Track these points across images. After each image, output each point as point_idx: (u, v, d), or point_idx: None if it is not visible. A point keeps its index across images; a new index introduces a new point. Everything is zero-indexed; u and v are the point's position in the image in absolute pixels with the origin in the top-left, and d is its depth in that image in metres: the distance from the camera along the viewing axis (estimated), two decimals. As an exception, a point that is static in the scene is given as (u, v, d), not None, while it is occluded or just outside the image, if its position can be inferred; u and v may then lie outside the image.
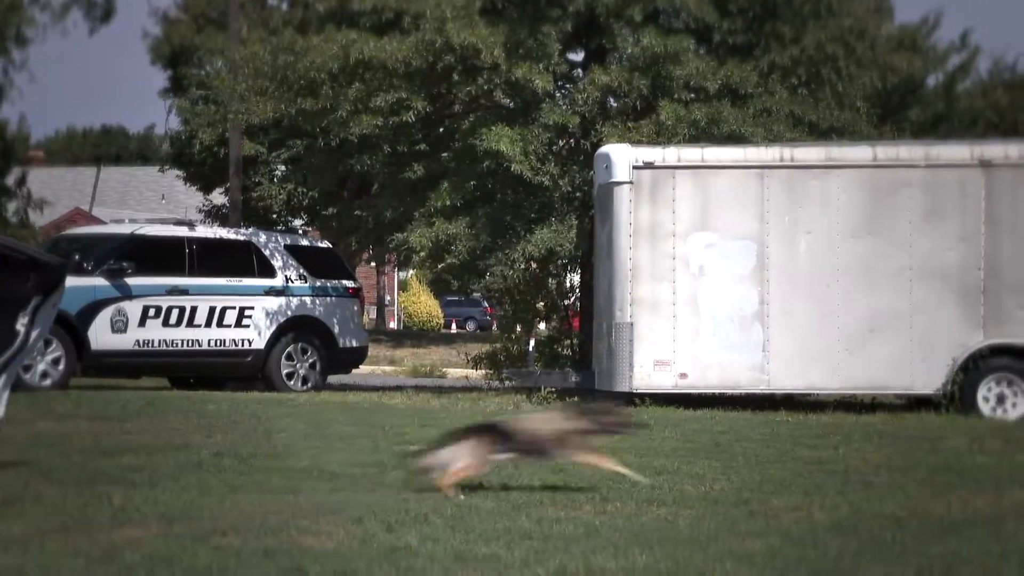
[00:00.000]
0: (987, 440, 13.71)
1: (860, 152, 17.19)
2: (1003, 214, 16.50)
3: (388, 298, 58.06)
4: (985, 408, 16.36)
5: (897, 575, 7.11)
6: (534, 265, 20.54)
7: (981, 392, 16.41)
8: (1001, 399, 16.41)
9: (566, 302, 21.34)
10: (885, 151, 17.15)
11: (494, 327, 38.97)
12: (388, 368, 31.96)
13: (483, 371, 22.40)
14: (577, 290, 21.12)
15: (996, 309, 16.44)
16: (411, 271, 55.52)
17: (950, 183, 16.66)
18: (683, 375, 16.77)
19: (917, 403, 17.00)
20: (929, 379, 16.55)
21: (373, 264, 46.62)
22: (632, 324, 16.80)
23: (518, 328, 22.14)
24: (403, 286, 61.73)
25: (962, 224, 16.58)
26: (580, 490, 9.64)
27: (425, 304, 58.66)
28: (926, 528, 8.54)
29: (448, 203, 19.49)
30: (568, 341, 21.19)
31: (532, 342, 22.23)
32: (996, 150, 16.91)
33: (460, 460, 9.29)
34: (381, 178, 22.68)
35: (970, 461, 12.01)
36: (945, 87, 26.47)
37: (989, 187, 16.55)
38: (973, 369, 16.41)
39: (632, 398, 16.51)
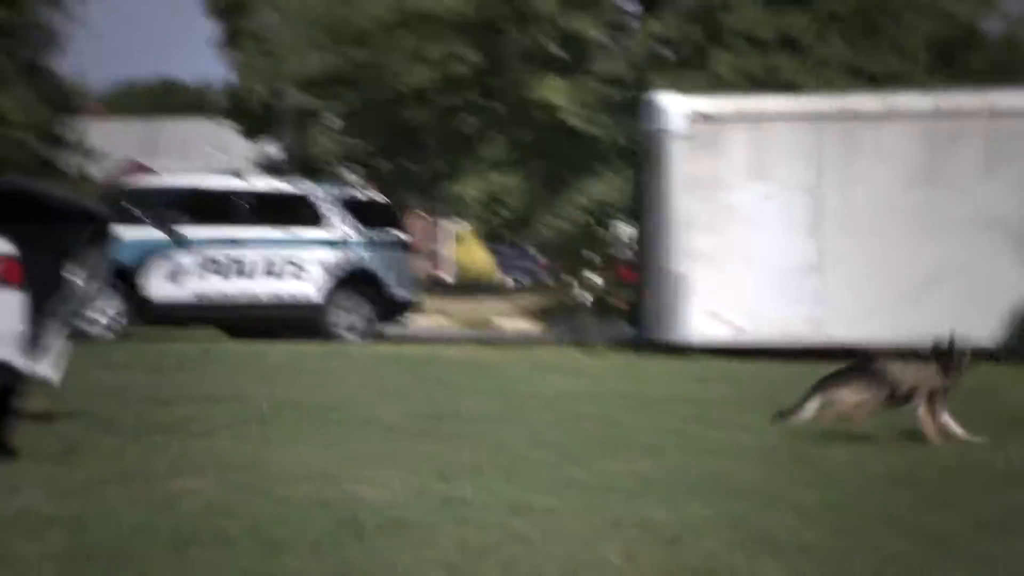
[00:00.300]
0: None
1: (919, 102, 16.98)
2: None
3: (441, 250, 58.14)
4: (1045, 361, 16.20)
5: (954, 526, 7.06)
6: (587, 217, 20.50)
7: (1041, 346, 16.25)
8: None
9: (620, 254, 21.27)
10: (945, 100, 16.92)
11: (548, 280, 38.91)
12: (442, 320, 32.02)
13: (536, 323, 22.40)
14: (631, 242, 21.04)
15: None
16: (464, 223, 55.50)
17: (1011, 133, 16.42)
18: (737, 327, 16.70)
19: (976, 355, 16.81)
20: (988, 330, 16.37)
21: (428, 216, 46.63)
22: (685, 275, 16.72)
23: (571, 280, 22.12)
24: (457, 238, 61.77)
25: (1022, 174, 16.36)
26: (636, 443, 9.63)
27: (479, 256, 58.64)
28: (984, 479, 8.48)
29: (500, 156, 19.47)
30: (623, 293, 21.13)
31: (586, 295, 22.21)
32: (1058, 98, 16.69)
33: (856, 395, 9.69)
34: (433, 131, 22.66)
35: (1031, 412, 11.90)
36: (1007, 36, 26.04)
37: (1048, 135, 16.35)
38: (1031, 320, 16.27)
39: (684, 350, 16.46)
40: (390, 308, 20.21)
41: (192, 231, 18.73)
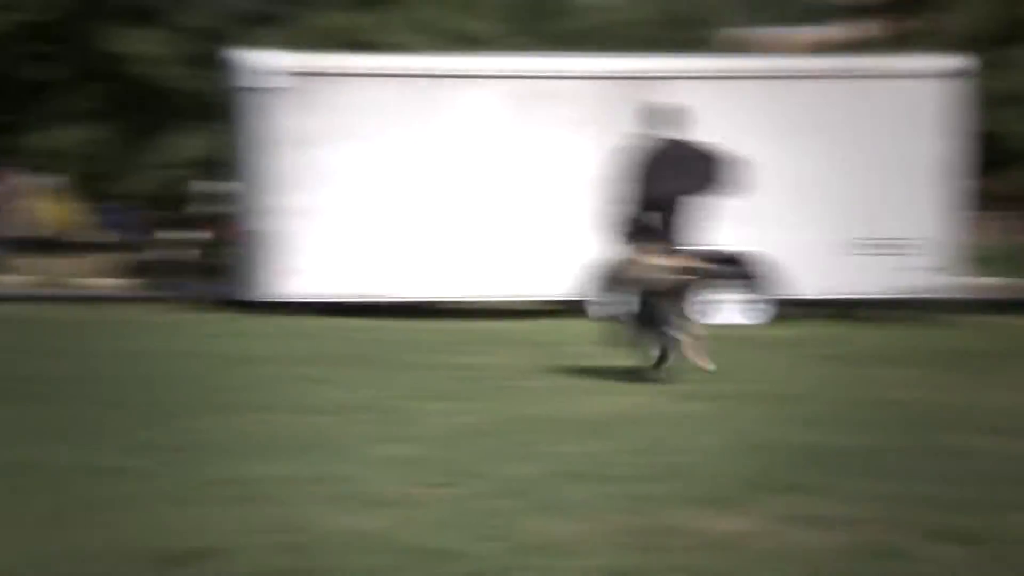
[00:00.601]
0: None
1: (505, 63, 17.39)
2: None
3: (24, 205, 55.32)
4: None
5: (531, 473, 7.28)
6: (182, 173, 19.96)
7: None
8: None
9: (220, 211, 20.86)
10: (531, 63, 17.39)
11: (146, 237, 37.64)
12: (21, 278, 30.44)
13: (132, 280, 21.70)
14: (230, 199, 20.64)
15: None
16: (50, 178, 53.10)
17: (596, 96, 17.03)
18: (329, 284, 16.70)
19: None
20: (564, 287, 17.00)
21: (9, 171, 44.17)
22: (276, 233, 16.58)
23: (169, 238, 21.55)
24: (42, 193, 58.97)
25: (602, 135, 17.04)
26: (222, 403, 9.45)
27: (64, 211, 56.22)
28: (564, 430, 8.78)
29: (83, 108, 18.67)
30: (223, 250, 20.75)
31: (185, 252, 21.67)
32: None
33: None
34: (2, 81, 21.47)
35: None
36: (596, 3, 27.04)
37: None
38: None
39: (266, 307, 16.35)
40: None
41: None
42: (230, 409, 9.14)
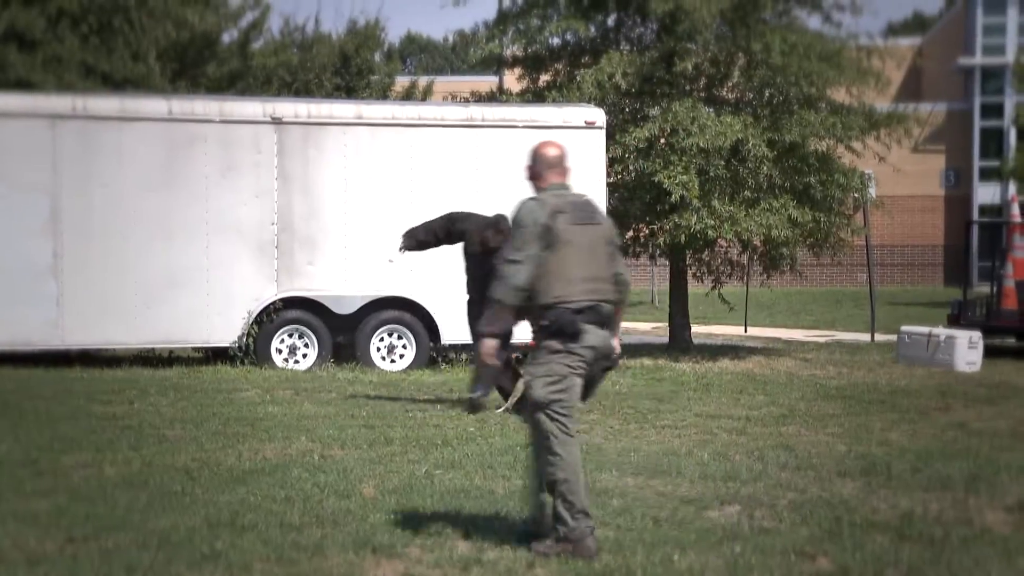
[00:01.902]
0: (279, 390, 14.18)
1: (155, 105, 17.08)
2: (294, 171, 17.03)
3: None
4: (278, 359, 16.88)
5: (185, 524, 7.17)
6: None
7: (275, 344, 16.91)
8: (293, 350, 17.00)
9: None
10: (180, 105, 17.15)
11: None
12: None
13: None
14: None
15: (289, 263, 16.97)
16: None
17: (244, 139, 16.95)
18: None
19: (215, 356, 17.24)
20: (226, 332, 16.81)
21: None
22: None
23: None
24: None
25: (256, 180, 16.94)
26: None
27: None
28: (216, 478, 8.68)
29: None
30: None
31: None
32: (287, 108, 17.42)
33: None
34: None
35: (262, 411, 12.36)
36: (240, 44, 26.90)
37: (281, 144, 17.02)
38: (267, 321, 16.86)
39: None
40: None
41: None
42: None
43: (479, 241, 13.10)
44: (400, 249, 13.93)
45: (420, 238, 13.77)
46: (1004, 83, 48.08)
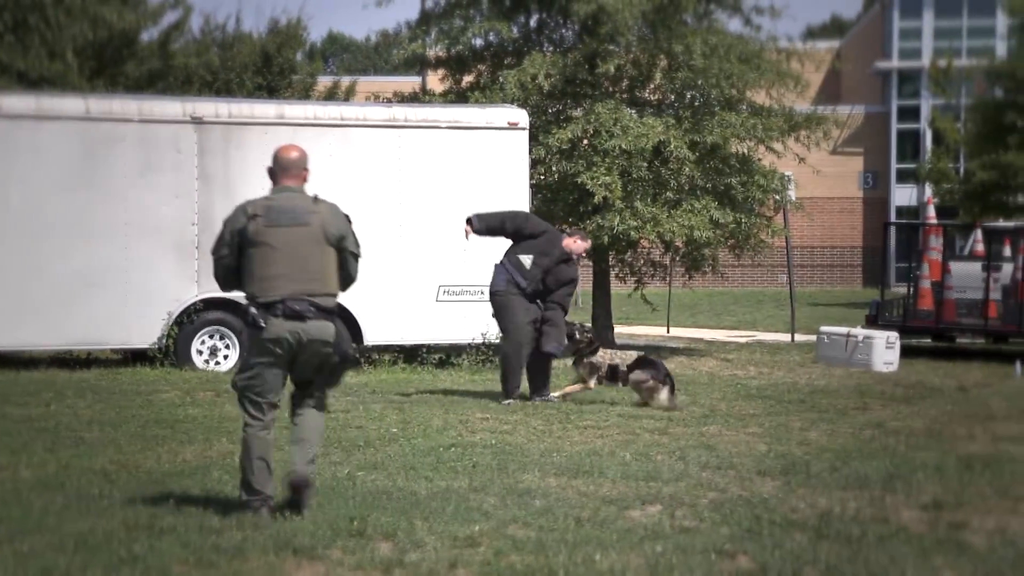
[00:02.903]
0: (199, 392, 14.05)
1: (72, 104, 16.86)
2: (215, 171, 16.88)
3: None
4: (199, 361, 16.73)
5: (103, 528, 7.08)
6: None
7: (195, 345, 16.75)
8: (214, 351, 16.85)
9: None
10: (98, 104, 16.94)
11: None
12: None
13: None
14: None
15: (210, 264, 16.77)
16: None
17: (164, 139, 16.78)
18: None
19: (135, 357, 17.05)
20: (146, 333, 16.62)
21: None
22: None
23: None
24: None
25: (177, 180, 16.76)
26: None
27: None
28: (135, 481, 8.59)
29: None
30: None
31: None
32: (208, 107, 17.27)
33: None
34: None
35: (182, 413, 12.25)
36: (160, 43, 26.63)
37: (202, 143, 16.87)
38: (188, 323, 16.69)
39: None
40: None
41: None
42: None
43: (562, 248, 13.93)
44: (467, 233, 14.15)
45: (490, 224, 14.11)
46: (920, 86, 48.77)
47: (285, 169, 7.92)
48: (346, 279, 7.94)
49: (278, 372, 7.73)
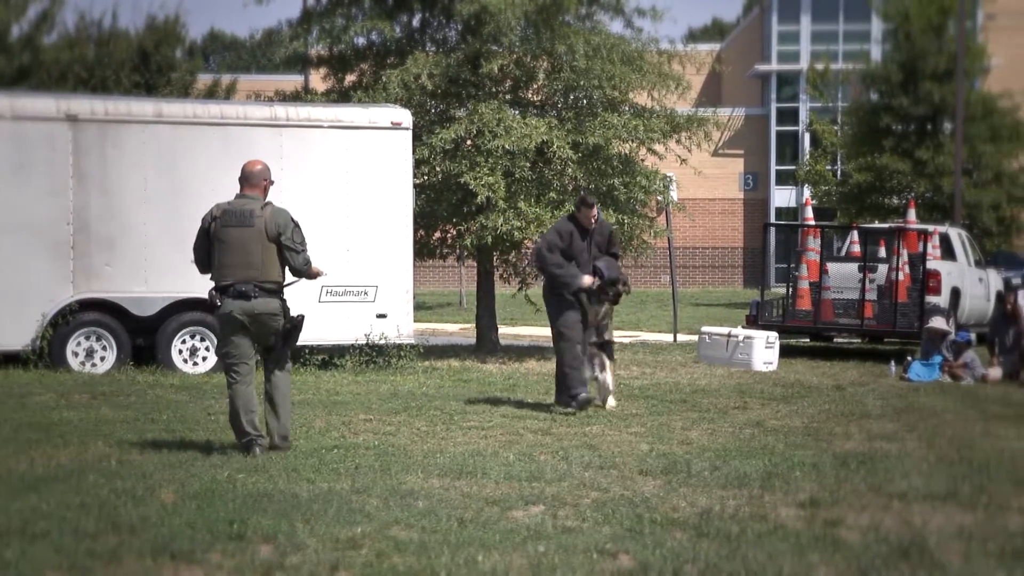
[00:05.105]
0: (75, 394, 13.79)
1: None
2: (91, 169, 16.56)
3: None
4: (75, 363, 16.40)
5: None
6: None
7: (71, 347, 16.42)
8: (90, 353, 16.53)
9: None
10: (-30, 100, 16.54)
11: None
12: None
13: None
14: None
15: (86, 264, 16.50)
16: None
17: (37, 136, 16.42)
18: None
19: (7, 359, 16.67)
20: (19, 335, 16.26)
21: None
22: None
23: None
24: None
25: (51, 178, 16.42)
26: None
27: None
28: (7, 486, 8.39)
29: None
30: None
31: None
32: (83, 105, 16.95)
33: None
34: None
35: (57, 416, 12.01)
36: (28, 38, 26.02)
37: (77, 141, 16.54)
38: (63, 324, 16.36)
39: None
40: None
41: None
42: None
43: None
44: (594, 284, 13.39)
45: (557, 260, 13.30)
46: (799, 89, 49.57)
47: (246, 179, 10.03)
48: (293, 267, 10.00)
49: (243, 339, 9.91)
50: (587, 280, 13.19)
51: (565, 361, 13.28)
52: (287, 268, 10.04)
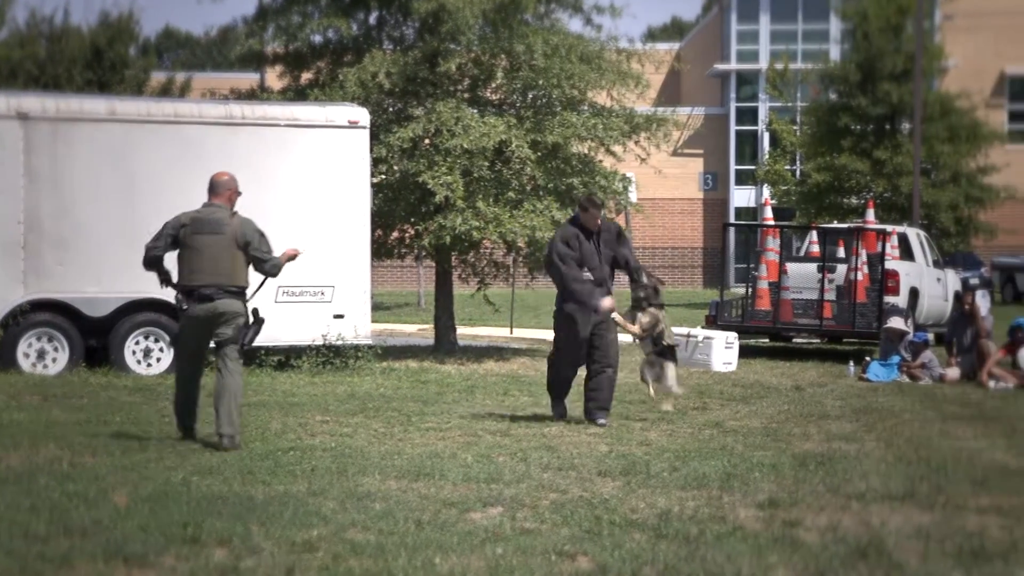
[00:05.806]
0: (26, 396, 13.61)
1: None
2: (42, 167, 16.35)
3: None
4: (26, 364, 16.18)
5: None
6: None
7: (22, 348, 16.20)
8: (42, 354, 16.32)
9: None
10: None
11: None
12: None
13: None
14: None
15: (37, 264, 16.30)
16: None
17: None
18: None
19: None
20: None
21: None
22: None
23: None
24: None
25: (1, 177, 16.20)
26: None
27: None
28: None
29: None
30: None
31: None
32: (33, 102, 16.73)
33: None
34: None
35: (7, 418, 11.84)
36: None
37: (28, 140, 16.32)
38: (14, 324, 16.15)
39: None
40: None
41: None
42: None
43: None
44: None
45: (576, 273, 12.99)
46: (758, 89, 49.72)
47: (212, 188, 10.63)
48: (262, 272, 10.65)
49: (202, 338, 10.52)
50: (607, 304, 12.69)
51: (548, 376, 13.18)
52: (257, 269, 10.63)
